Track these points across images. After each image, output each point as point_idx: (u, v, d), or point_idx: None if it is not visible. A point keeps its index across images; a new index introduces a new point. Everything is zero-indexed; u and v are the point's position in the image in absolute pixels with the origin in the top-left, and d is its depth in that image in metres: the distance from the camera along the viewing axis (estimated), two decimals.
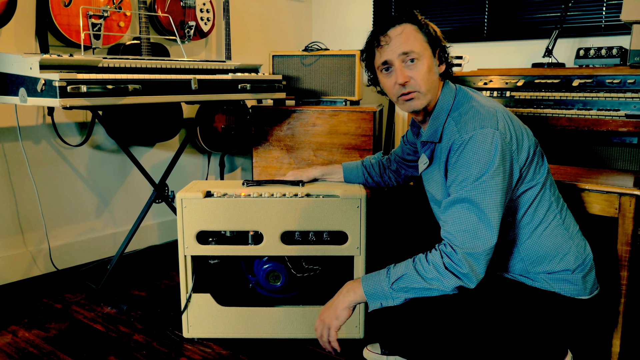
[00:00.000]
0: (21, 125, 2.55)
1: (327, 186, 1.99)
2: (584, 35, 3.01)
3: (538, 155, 1.51)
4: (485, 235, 1.36)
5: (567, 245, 1.49)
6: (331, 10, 4.08)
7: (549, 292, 1.47)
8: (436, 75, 1.54)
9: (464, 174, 1.39)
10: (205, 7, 3.13)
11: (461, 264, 1.36)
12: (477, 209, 1.36)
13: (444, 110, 1.53)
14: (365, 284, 1.48)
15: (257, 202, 1.90)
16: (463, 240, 1.37)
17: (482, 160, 1.37)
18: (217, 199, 1.92)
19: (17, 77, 1.99)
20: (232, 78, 2.43)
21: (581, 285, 1.47)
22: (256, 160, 3.08)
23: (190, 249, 1.95)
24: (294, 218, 1.90)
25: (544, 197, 1.49)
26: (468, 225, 1.37)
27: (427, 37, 1.51)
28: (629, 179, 1.93)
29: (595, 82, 2.40)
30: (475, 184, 1.37)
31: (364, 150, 2.91)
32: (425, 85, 1.51)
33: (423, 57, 1.50)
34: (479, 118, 1.42)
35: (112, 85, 1.95)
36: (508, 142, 1.40)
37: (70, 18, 2.50)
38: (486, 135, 1.38)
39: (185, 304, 1.99)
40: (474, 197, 1.37)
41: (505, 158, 1.39)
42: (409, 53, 1.49)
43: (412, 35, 1.50)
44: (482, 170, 1.36)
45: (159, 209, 3.16)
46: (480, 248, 1.36)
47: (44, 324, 2.19)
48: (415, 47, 1.49)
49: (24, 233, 2.64)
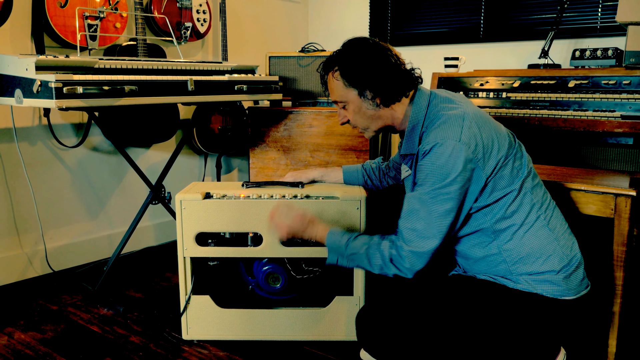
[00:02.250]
0: (17, 126, 2.54)
1: (327, 187, 1.99)
2: (580, 37, 3.02)
3: (514, 161, 1.52)
4: (430, 238, 1.45)
5: (551, 246, 1.50)
6: (328, 12, 4.09)
7: (531, 294, 1.48)
8: (370, 110, 1.57)
9: (422, 180, 1.47)
10: (202, 8, 3.13)
11: (404, 260, 1.46)
12: (427, 214, 1.45)
13: (418, 124, 1.56)
14: (330, 236, 1.63)
15: (257, 204, 1.90)
16: (410, 238, 1.46)
17: (438, 171, 1.43)
18: (216, 200, 1.91)
19: (13, 78, 1.98)
20: (228, 79, 2.43)
21: (564, 286, 1.48)
22: (253, 162, 3.08)
23: (189, 251, 1.95)
24: None
25: (524, 200, 1.50)
26: (417, 225, 1.45)
27: (347, 80, 1.55)
28: (624, 179, 1.93)
29: (590, 83, 2.41)
30: (430, 192, 1.44)
31: (360, 151, 2.91)
32: (361, 124, 1.61)
33: (349, 102, 1.58)
34: (443, 129, 1.46)
35: (108, 86, 1.94)
36: (472, 151, 1.43)
37: (67, 19, 2.50)
38: (446, 147, 1.42)
39: (184, 305, 1.99)
40: (426, 203, 1.45)
41: (465, 168, 1.42)
42: (337, 102, 1.61)
43: (332, 84, 1.59)
44: (437, 181, 1.43)
45: (155, 210, 3.15)
46: (424, 248, 1.45)
47: (40, 326, 2.19)
48: (338, 96, 1.59)
49: (20, 234, 2.63)
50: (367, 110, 1.57)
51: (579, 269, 1.52)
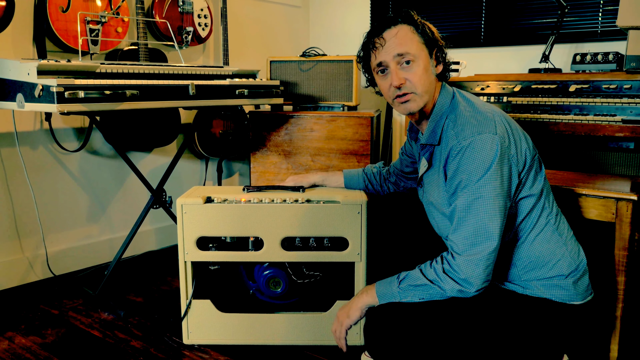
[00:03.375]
0: (18, 130, 2.55)
1: (328, 192, 1.99)
2: (581, 41, 3.02)
3: (537, 163, 1.51)
4: (485, 240, 1.37)
5: (560, 251, 1.48)
6: (328, 16, 4.09)
7: (540, 299, 1.47)
8: (433, 76, 1.52)
9: (464, 181, 1.39)
10: (203, 13, 3.14)
11: (458, 269, 1.37)
12: (475, 215, 1.37)
13: (442, 111, 1.52)
14: (378, 287, 1.51)
15: (258, 208, 1.90)
16: (463, 247, 1.38)
17: (480, 166, 1.36)
18: (217, 204, 1.91)
19: (15, 82, 1.99)
20: (229, 83, 2.44)
21: (573, 290, 1.47)
22: (254, 166, 3.08)
23: (190, 255, 1.95)
24: (295, 224, 1.90)
25: (539, 203, 1.48)
26: (468, 232, 1.38)
27: (424, 37, 1.49)
28: (625, 184, 1.93)
29: (591, 88, 2.41)
30: (474, 191, 1.37)
31: (361, 155, 2.91)
32: (422, 87, 1.49)
33: (419, 59, 1.48)
34: (476, 123, 1.41)
35: (109, 90, 1.95)
36: (507, 146, 1.40)
37: (68, 24, 2.50)
38: (485, 140, 1.37)
39: (185, 310, 1.99)
40: (473, 203, 1.37)
41: (503, 162, 1.38)
42: (404, 55, 1.47)
43: (407, 36, 1.48)
44: (480, 177, 1.36)
45: (156, 214, 3.15)
46: (479, 254, 1.37)
47: (40, 330, 2.18)
48: (411, 48, 1.47)
49: (21, 239, 2.63)
50: (432, 75, 1.51)
51: (585, 275, 1.51)
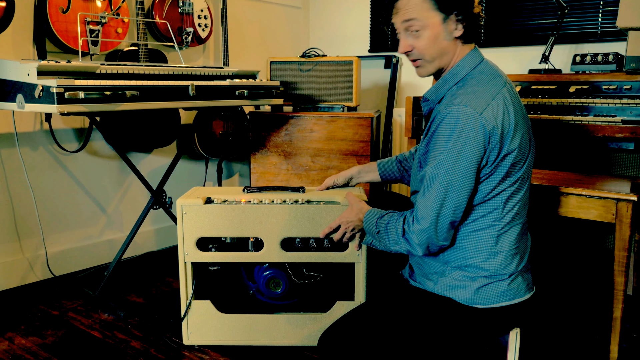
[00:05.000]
0: (18, 131, 2.55)
1: (329, 193, 1.98)
2: (580, 42, 3.02)
3: (518, 170, 1.44)
4: (439, 214, 1.38)
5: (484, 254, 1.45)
6: (329, 17, 4.10)
7: (446, 299, 1.46)
8: (446, 42, 1.45)
9: (434, 149, 1.39)
10: (203, 14, 3.14)
11: (414, 236, 1.41)
12: (437, 188, 1.38)
13: (456, 76, 1.47)
14: (365, 218, 1.58)
15: (257, 209, 1.90)
16: (421, 214, 1.40)
17: (449, 138, 1.35)
18: (217, 205, 1.91)
19: (15, 83, 1.99)
20: (229, 84, 2.44)
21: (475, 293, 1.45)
22: (254, 166, 3.08)
23: (190, 256, 1.95)
24: (295, 225, 1.90)
25: (490, 204, 1.44)
26: (428, 202, 1.39)
27: (437, 2, 1.41)
28: (625, 184, 1.93)
29: (591, 88, 2.41)
30: (439, 163, 1.37)
31: (361, 156, 2.91)
32: (430, 54, 1.46)
33: (427, 27, 1.42)
34: (471, 96, 1.38)
35: (109, 91, 1.95)
36: (489, 130, 1.35)
37: (68, 24, 2.50)
38: (464, 114, 1.35)
39: (185, 310, 1.99)
40: (437, 175, 1.37)
41: (480, 142, 1.35)
42: (410, 22, 1.44)
43: (418, 3, 1.42)
44: (446, 148, 1.36)
45: (156, 215, 3.15)
46: (432, 225, 1.39)
47: (40, 331, 2.18)
48: (418, 14, 1.42)
49: (21, 239, 2.63)
50: (443, 41, 1.44)
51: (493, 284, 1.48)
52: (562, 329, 2.18)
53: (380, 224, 1.52)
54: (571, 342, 2.08)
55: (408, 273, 1.61)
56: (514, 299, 1.46)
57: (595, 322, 2.22)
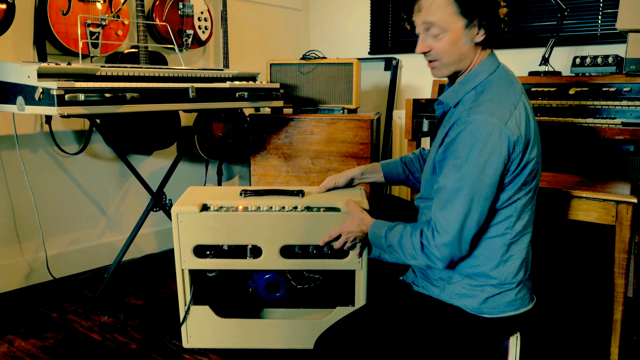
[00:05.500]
0: (19, 133, 2.55)
1: (329, 197, 1.91)
2: (580, 44, 3.03)
3: (532, 180, 1.44)
4: (461, 228, 1.35)
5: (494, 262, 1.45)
6: (329, 19, 4.10)
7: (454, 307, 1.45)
8: (466, 46, 1.42)
9: (457, 157, 1.34)
10: (203, 16, 3.14)
11: (435, 251, 1.37)
12: (460, 201, 1.34)
13: (475, 80, 1.45)
14: (371, 230, 1.57)
15: (255, 217, 1.85)
16: (443, 228, 1.36)
17: (474, 149, 1.31)
18: (213, 213, 1.85)
19: (15, 85, 1.99)
20: (229, 86, 2.44)
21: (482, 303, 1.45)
22: (254, 168, 3.08)
23: (187, 263, 1.91)
24: (294, 232, 1.86)
25: (504, 212, 1.43)
26: (450, 215, 1.35)
27: (461, 7, 1.37)
28: (625, 186, 1.93)
29: (591, 90, 2.41)
30: (463, 175, 1.33)
31: (361, 158, 2.91)
32: (448, 58, 1.44)
33: (447, 31, 1.39)
34: (494, 104, 1.35)
35: (109, 93, 1.95)
36: (513, 141, 1.33)
37: (69, 26, 2.51)
38: (491, 124, 1.31)
39: (183, 315, 1.98)
40: (460, 188, 1.33)
41: (504, 154, 1.33)
42: (430, 25, 1.41)
43: (442, 5, 1.38)
44: (469, 159, 1.32)
45: (156, 217, 3.15)
46: (455, 239, 1.35)
47: (40, 333, 2.18)
48: (440, 19, 1.39)
49: (21, 242, 2.63)
50: (464, 46, 1.41)
51: (500, 294, 1.48)
52: (562, 332, 2.18)
53: (391, 237, 1.48)
54: (571, 345, 2.07)
55: (411, 278, 1.60)
56: (520, 309, 1.45)
57: (595, 325, 2.22)
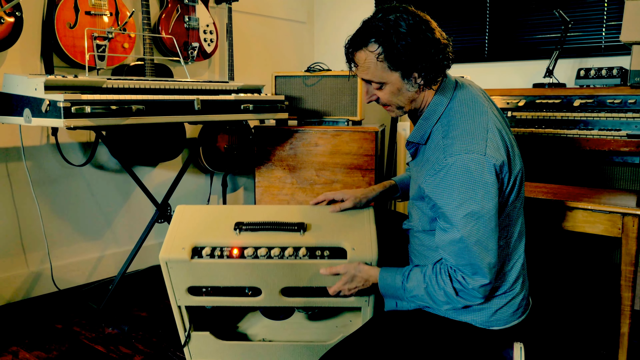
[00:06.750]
0: (25, 145, 2.56)
1: (332, 235, 1.68)
2: (584, 56, 3.03)
3: (521, 186, 1.45)
4: (486, 263, 1.34)
5: None
6: (333, 32, 4.12)
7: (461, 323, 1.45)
8: (409, 92, 1.43)
9: (450, 203, 1.33)
10: (209, 29, 3.16)
11: (474, 292, 1.36)
12: (475, 243, 1.32)
13: (435, 114, 1.44)
14: (381, 284, 1.50)
15: (252, 265, 1.66)
16: (470, 271, 1.35)
17: (468, 189, 1.30)
18: (205, 261, 1.66)
19: (22, 97, 2.01)
20: (234, 98, 2.45)
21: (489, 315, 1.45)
22: (258, 180, 3.08)
23: (182, 301, 1.78)
24: (295, 277, 1.69)
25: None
26: (476, 258, 1.33)
27: (391, 63, 1.37)
28: (631, 199, 1.92)
29: (596, 102, 2.41)
30: (467, 218, 1.31)
31: (366, 170, 2.92)
32: (396, 104, 1.46)
33: (387, 83, 1.42)
34: (465, 139, 1.34)
35: (115, 105, 1.96)
36: (499, 165, 1.33)
37: (76, 39, 2.53)
38: (471, 161, 1.30)
39: (184, 340, 1.89)
40: (469, 233, 1.32)
41: (494, 182, 1.32)
42: (371, 82, 1.44)
43: (370, 63, 1.40)
44: (470, 201, 1.30)
45: (161, 228, 3.15)
46: (485, 272, 1.34)
47: (44, 345, 2.18)
48: (375, 75, 1.41)
49: (26, 253, 2.64)
50: (407, 92, 1.43)
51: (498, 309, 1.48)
52: (569, 344, 2.16)
53: (411, 288, 1.44)
54: (578, 358, 2.06)
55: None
56: (522, 317, 1.46)
57: (602, 338, 2.20)
